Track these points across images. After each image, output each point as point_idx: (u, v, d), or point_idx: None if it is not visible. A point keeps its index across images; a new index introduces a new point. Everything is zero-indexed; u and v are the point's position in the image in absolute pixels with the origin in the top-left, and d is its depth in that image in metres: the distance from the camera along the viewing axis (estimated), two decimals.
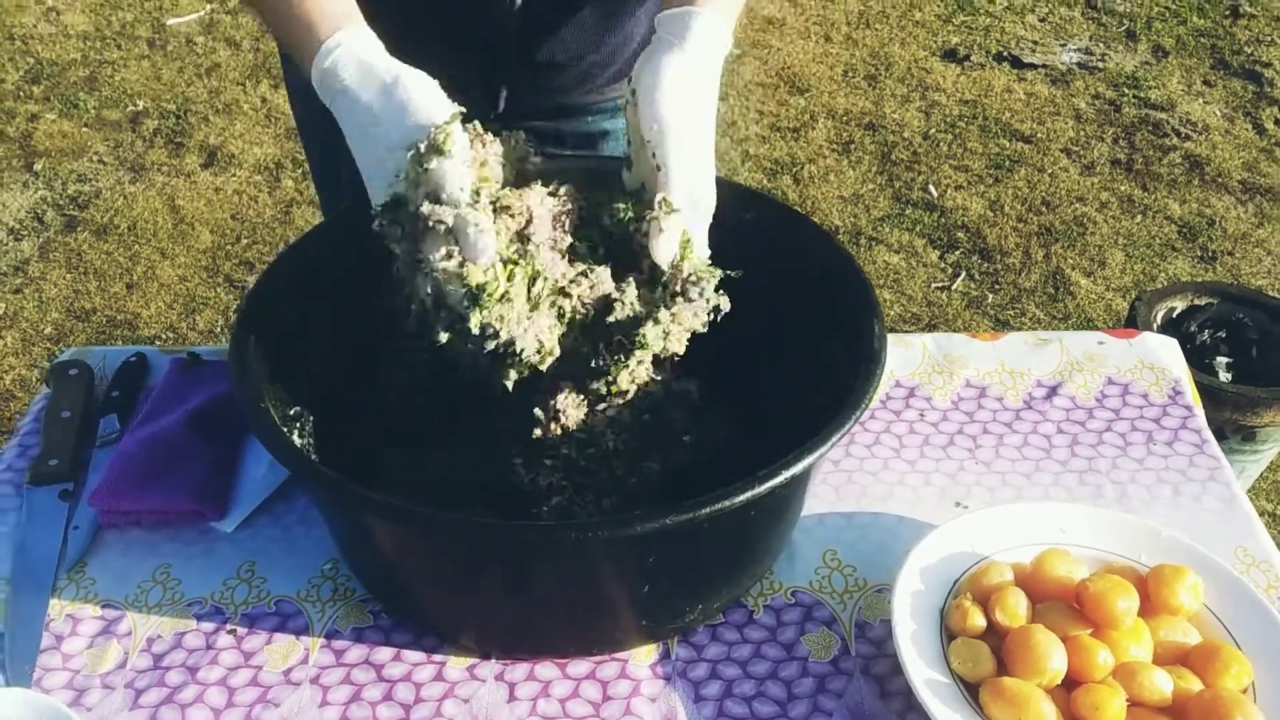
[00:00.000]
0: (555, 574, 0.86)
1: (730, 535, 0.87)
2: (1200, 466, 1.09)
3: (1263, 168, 3.10)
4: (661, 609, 0.90)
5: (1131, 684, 0.84)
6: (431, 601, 0.93)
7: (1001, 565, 0.92)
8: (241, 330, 0.91)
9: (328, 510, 0.94)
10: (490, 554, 0.84)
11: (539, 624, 0.91)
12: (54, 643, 0.93)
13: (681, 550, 0.85)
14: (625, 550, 0.82)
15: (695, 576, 0.89)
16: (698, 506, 0.77)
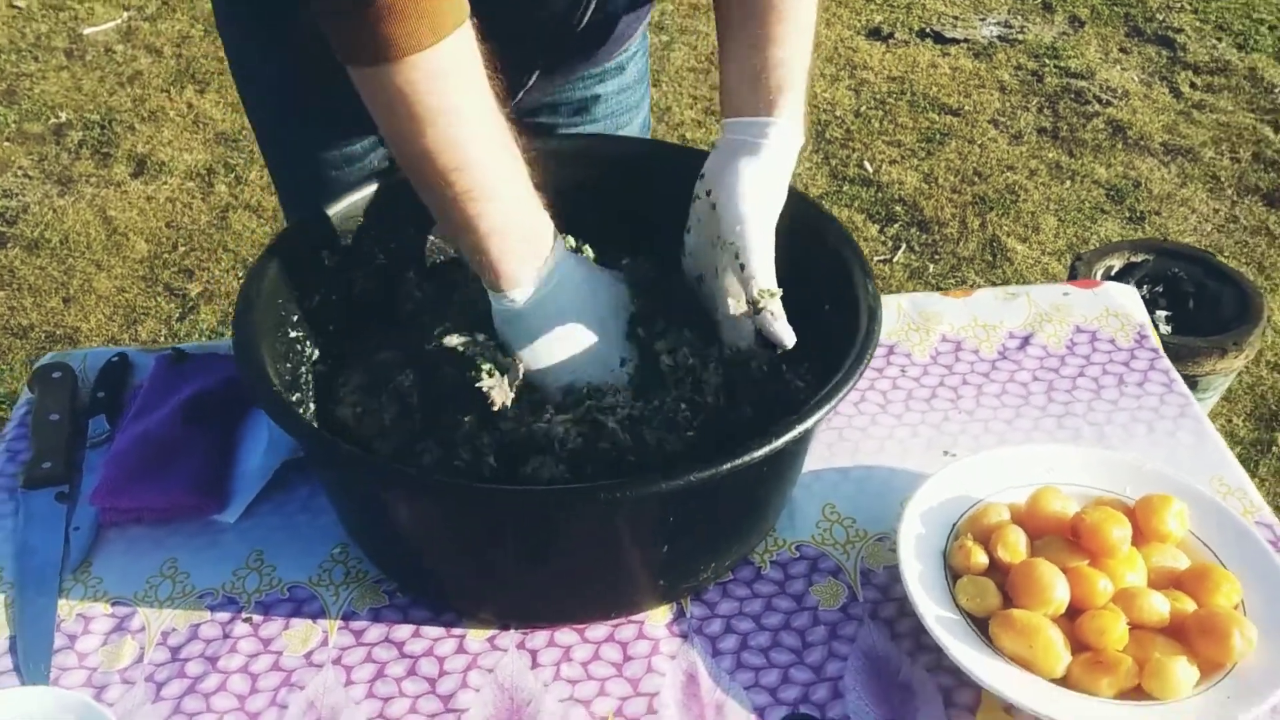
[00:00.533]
0: (578, 538, 0.87)
1: (746, 491, 0.90)
2: (1171, 404, 1.13)
3: (1182, 129, 3.20)
4: (678, 569, 0.92)
5: (1131, 608, 0.88)
6: (449, 576, 0.94)
7: (999, 506, 0.96)
8: (243, 318, 0.92)
9: (340, 491, 0.95)
10: (515, 521, 0.85)
11: (559, 591, 0.93)
12: (67, 642, 0.93)
13: (701, 508, 0.87)
14: (650, 510, 0.84)
15: (712, 534, 0.91)
16: (721, 461, 0.79)
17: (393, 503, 0.89)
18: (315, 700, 0.88)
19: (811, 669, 0.91)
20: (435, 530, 0.91)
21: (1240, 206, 2.94)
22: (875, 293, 0.95)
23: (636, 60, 1.30)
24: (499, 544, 0.89)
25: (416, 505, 0.87)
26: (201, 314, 2.75)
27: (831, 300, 0.99)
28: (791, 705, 0.88)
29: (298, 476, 1.06)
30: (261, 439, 1.07)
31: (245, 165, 3.21)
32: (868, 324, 0.91)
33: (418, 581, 0.96)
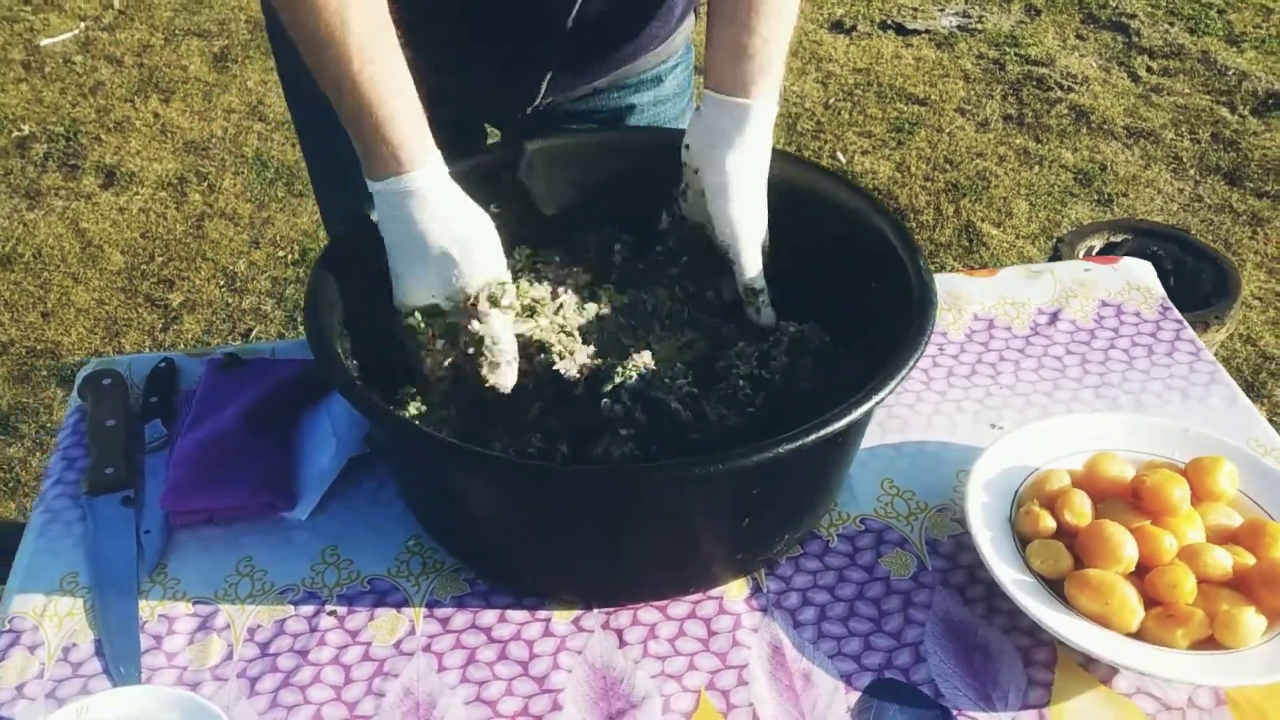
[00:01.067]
0: (664, 515, 0.89)
1: (822, 463, 0.93)
2: (1200, 372, 1.18)
3: (1142, 113, 3.28)
4: (756, 541, 0.94)
5: (1196, 563, 0.91)
6: (531, 559, 0.96)
7: (1059, 472, 0.99)
8: (313, 317, 0.93)
9: (422, 481, 0.96)
10: (604, 501, 0.87)
11: (641, 569, 0.95)
12: (154, 643, 0.93)
13: (783, 480, 0.89)
14: (739, 483, 0.86)
15: (790, 506, 0.94)
16: (807, 433, 0.81)
17: (481, 489, 0.90)
18: (410, 687, 0.90)
19: (891, 636, 0.94)
20: (522, 515, 0.92)
21: (1203, 186, 3.02)
22: (926, 266, 0.98)
23: (677, 74, 1.31)
24: (585, 525, 0.91)
25: (506, 490, 0.89)
26: (185, 323, 2.73)
27: (877, 278, 1.02)
28: (876, 671, 0.91)
29: (362, 472, 1.07)
30: (324, 438, 1.08)
31: (217, 174, 3.18)
32: (923, 295, 0.94)
33: (498, 567, 0.98)
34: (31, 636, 0.93)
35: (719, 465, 0.81)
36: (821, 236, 1.07)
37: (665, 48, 1.26)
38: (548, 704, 0.89)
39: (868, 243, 1.03)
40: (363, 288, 1.00)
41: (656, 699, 0.89)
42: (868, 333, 1.00)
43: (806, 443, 0.81)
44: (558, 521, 0.91)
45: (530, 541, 0.95)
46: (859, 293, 1.04)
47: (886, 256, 1.01)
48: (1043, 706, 0.88)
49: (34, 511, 1.05)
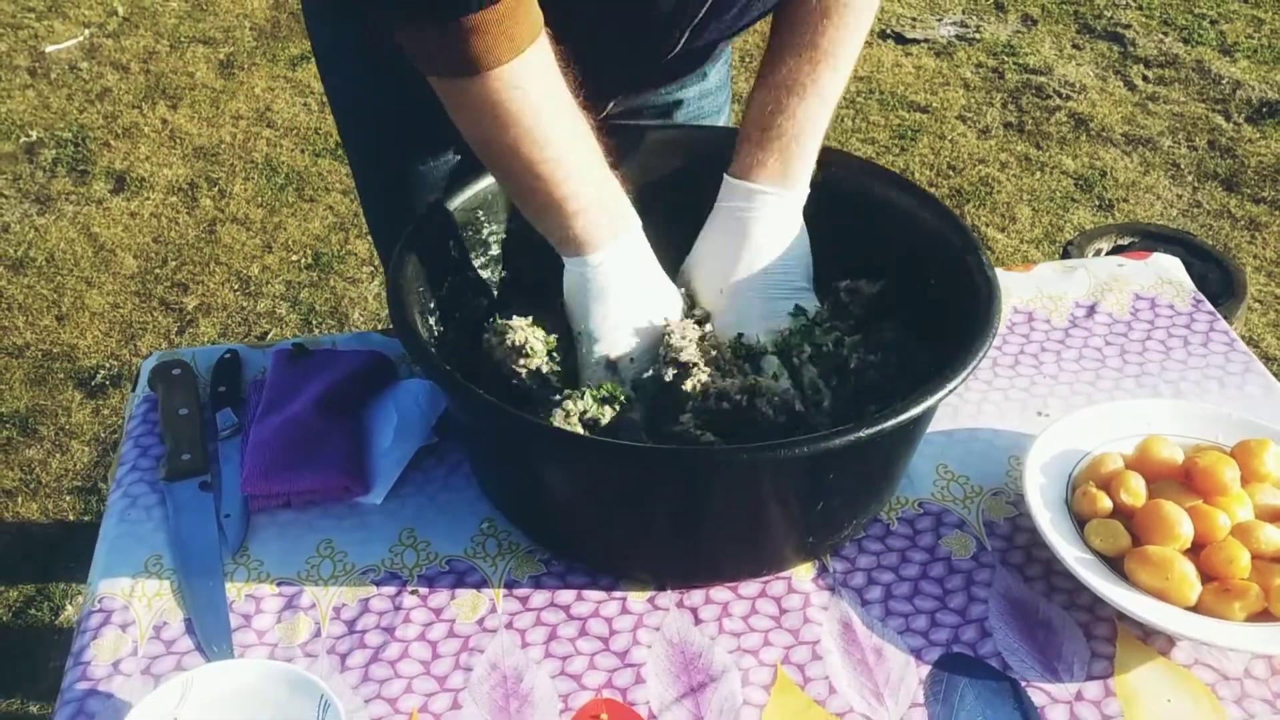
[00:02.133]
0: (741, 496, 0.93)
1: (891, 449, 0.96)
2: (1235, 361, 1.22)
3: (1140, 120, 3.35)
4: (826, 525, 0.98)
5: (1249, 540, 0.95)
6: (607, 538, 0.99)
7: (1113, 455, 1.03)
8: (396, 300, 0.97)
9: (500, 460, 0.99)
10: (685, 481, 0.91)
11: (715, 550, 0.98)
12: (243, 622, 0.96)
13: (854, 466, 0.93)
14: (815, 467, 0.89)
15: (861, 491, 0.97)
16: (884, 419, 0.85)
17: (558, 468, 0.93)
18: (496, 662, 0.93)
19: (956, 613, 0.97)
20: (599, 493, 0.95)
21: (1201, 192, 3.08)
22: (988, 262, 1.01)
23: (719, 68, 1.35)
24: (661, 504, 0.94)
25: (585, 468, 0.92)
26: (201, 326, 2.75)
27: (938, 276, 1.06)
28: (944, 646, 0.95)
29: (432, 459, 1.10)
30: (391, 426, 1.11)
31: (228, 179, 3.21)
32: (988, 290, 0.98)
33: (572, 545, 1.01)
34: (122, 615, 0.96)
35: (802, 449, 0.84)
36: (885, 238, 1.11)
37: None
38: (631, 677, 0.92)
39: (930, 242, 1.07)
40: (439, 278, 1.05)
41: (735, 673, 0.92)
42: (935, 330, 1.04)
43: (885, 428, 0.85)
44: (635, 500, 0.94)
45: (606, 520, 0.98)
46: (922, 291, 1.08)
47: (949, 255, 1.05)
48: (1107, 677, 0.92)
49: (111, 496, 1.08)
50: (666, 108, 1.33)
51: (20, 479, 2.37)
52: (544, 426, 0.92)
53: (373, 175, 1.36)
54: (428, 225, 1.07)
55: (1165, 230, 2.49)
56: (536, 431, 0.90)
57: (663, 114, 1.33)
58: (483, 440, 1.01)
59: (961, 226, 1.06)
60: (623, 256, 1.02)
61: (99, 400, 2.55)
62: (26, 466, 2.40)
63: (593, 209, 0.99)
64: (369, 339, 1.24)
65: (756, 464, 0.88)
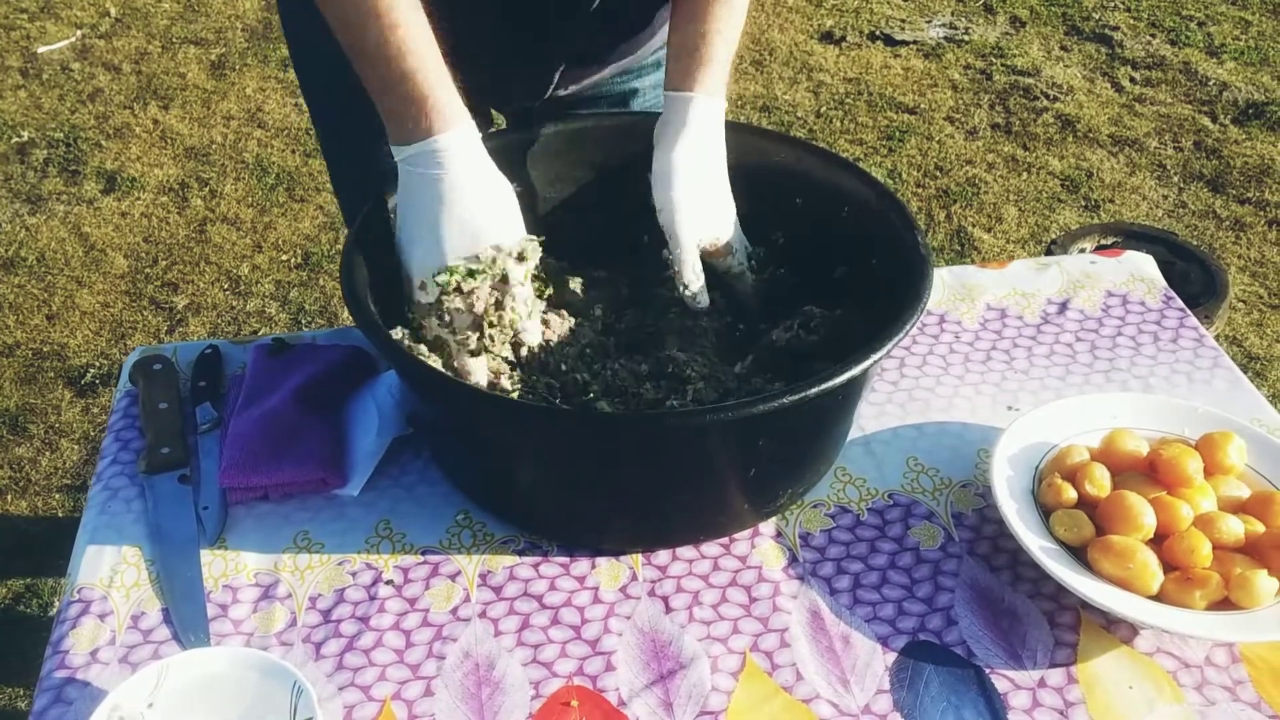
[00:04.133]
0: (673, 462, 0.96)
1: (822, 416, 1.01)
2: (1204, 357, 1.24)
3: (1126, 121, 3.37)
4: (762, 492, 1.02)
5: (1211, 530, 0.97)
6: (547, 502, 1.04)
7: (1079, 447, 1.05)
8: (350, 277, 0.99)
9: (463, 435, 1.03)
10: (617, 448, 0.95)
11: (652, 515, 1.02)
12: (220, 611, 0.97)
13: (784, 432, 0.97)
14: (742, 433, 0.93)
15: (793, 458, 1.02)
16: (809, 386, 0.89)
17: (497, 432, 0.97)
18: (470, 650, 0.94)
19: (923, 601, 0.99)
20: (534, 460, 1.00)
21: (1187, 192, 3.10)
22: (924, 240, 1.06)
23: None
24: (596, 470, 0.98)
25: (519, 434, 0.96)
26: (190, 326, 2.76)
27: (880, 255, 1.10)
28: (910, 634, 0.96)
29: (409, 453, 1.11)
30: (371, 419, 1.12)
31: (219, 179, 3.22)
32: (921, 265, 1.02)
33: (517, 511, 1.05)
34: (101, 605, 0.97)
35: (728, 414, 0.88)
36: (829, 217, 1.16)
37: (664, 34, 1.32)
38: (601, 665, 0.93)
39: (868, 221, 1.12)
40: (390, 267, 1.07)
41: (705, 660, 0.94)
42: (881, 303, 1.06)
43: (809, 395, 0.88)
44: (569, 466, 0.99)
45: (539, 485, 1.02)
46: (867, 268, 1.13)
47: (887, 233, 1.09)
48: (1069, 664, 0.93)
49: (93, 489, 1.09)
50: (623, 96, 1.35)
51: (10, 477, 2.38)
52: (469, 388, 0.95)
53: (339, 148, 1.38)
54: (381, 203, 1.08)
55: (1148, 230, 2.51)
56: (462, 394, 0.93)
57: (618, 102, 1.36)
58: (423, 405, 1.04)
59: (899, 204, 1.10)
60: (471, 145, 1.00)
61: (89, 399, 2.56)
62: (16, 465, 2.41)
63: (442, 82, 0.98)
64: (349, 334, 1.25)
65: (684, 429, 0.91)
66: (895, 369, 1.22)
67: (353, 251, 1.01)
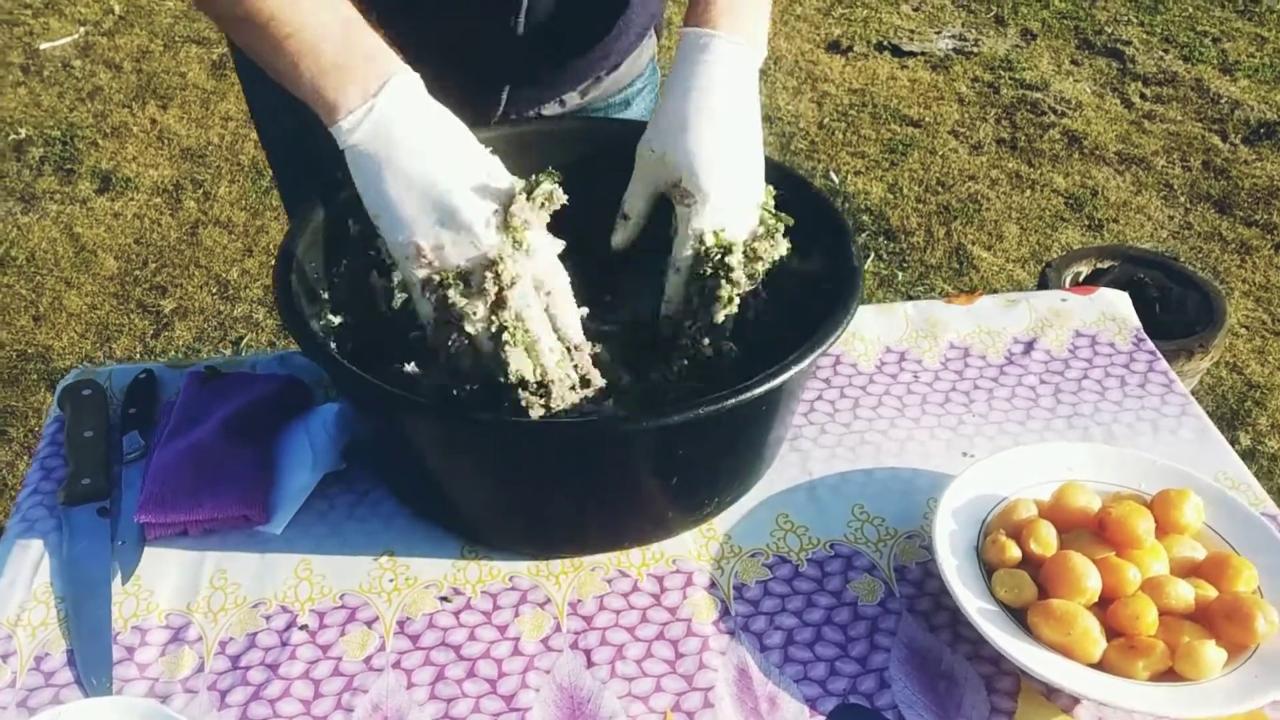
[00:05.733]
0: (591, 469, 0.95)
1: (742, 428, 0.98)
2: (1172, 404, 1.19)
3: (1134, 139, 3.31)
4: (686, 501, 1.01)
5: (1159, 595, 0.92)
6: (469, 507, 1.02)
7: (1027, 502, 1.01)
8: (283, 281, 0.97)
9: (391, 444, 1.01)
10: (538, 455, 0.93)
11: (576, 521, 1.01)
12: (126, 654, 0.94)
13: (703, 442, 0.94)
14: (659, 442, 0.91)
15: (715, 468, 0.99)
16: (724, 399, 0.86)
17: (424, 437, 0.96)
18: (379, 703, 0.91)
19: (857, 661, 0.94)
20: (462, 464, 0.98)
21: (1193, 214, 3.04)
22: (857, 252, 1.03)
23: (644, 96, 1.34)
24: (522, 476, 0.96)
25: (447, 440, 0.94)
26: (176, 330, 2.74)
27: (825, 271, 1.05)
28: (840, 696, 0.92)
29: (340, 486, 1.08)
30: (303, 452, 1.09)
31: (213, 181, 3.20)
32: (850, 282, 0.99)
33: (445, 514, 1.04)
34: (4, 645, 0.94)
35: (643, 423, 0.87)
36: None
37: (629, 68, 1.28)
38: None
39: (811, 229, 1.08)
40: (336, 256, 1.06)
41: (623, 719, 0.90)
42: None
43: (725, 407, 0.86)
44: (496, 471, 0.97)
45: (469, 489, 1.01)
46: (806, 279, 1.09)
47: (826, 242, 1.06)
48: None
49: (10, 520, 1.06)
50: (621, 106, 1.31)
51: None
52: (391, 391, 0.90)
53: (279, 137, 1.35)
54: (330, 198, 1.05)
55: (1146, 254, 2.45)
56: (384, 396, 0.90)
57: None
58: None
59: (840, 219, 1.07)
60: (389, 114, 0.88)
61: None
62: None
63: (321, 51, 0.87)
64: (291, 361, 1.22)
65: (599, 438, 0.90)
66: (849, 410, 1.18)
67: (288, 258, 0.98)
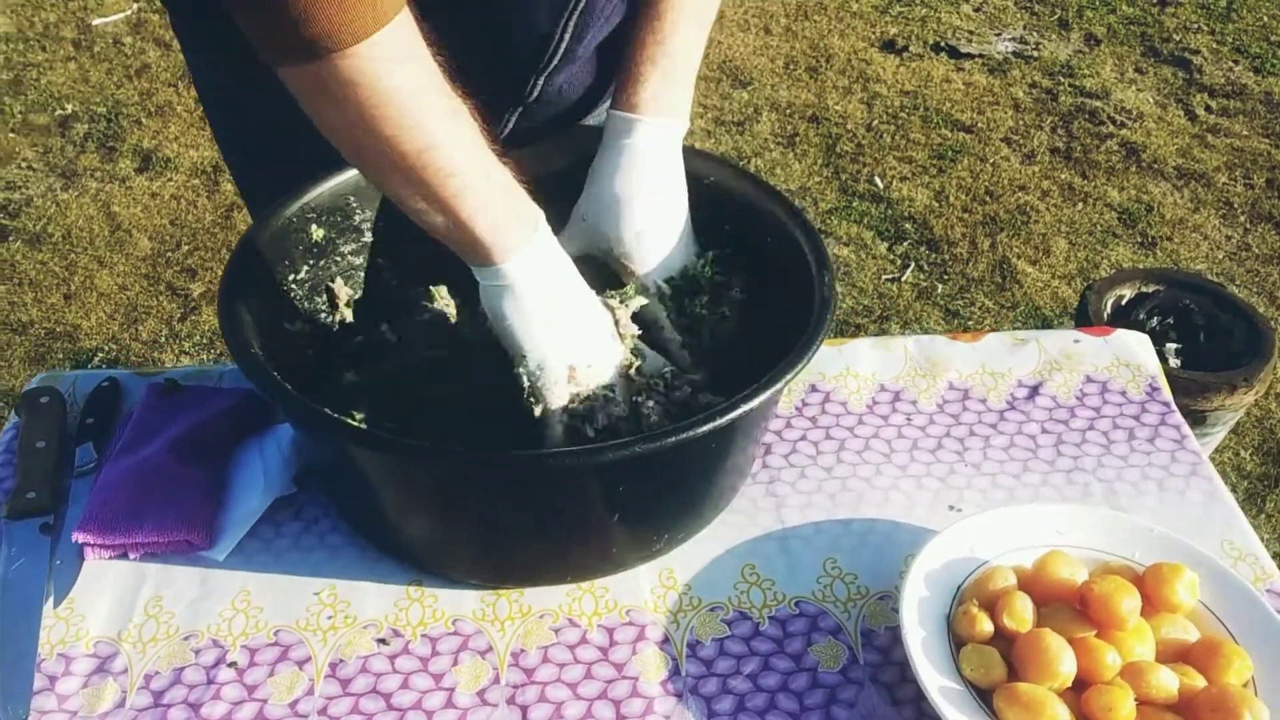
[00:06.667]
0: (532, 504, 0.91)
1: (685, 467, 0.93)
2: (1182, 462, 1.11)
3: (1196, 153, 3.17)
4: (632, 538, 0.96)
5: (1139, 683, 0.85)
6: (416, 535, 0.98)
7: (1005, 570, 0.94)
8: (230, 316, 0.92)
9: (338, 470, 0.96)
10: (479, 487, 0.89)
11: (524, 554, 0.97)
12: (48, 684, 0.91)
13: (643, 480, 0.90)
14: (598, 478, 0.87)
15: (660, 506, 0.95)
16: (662, 436, 0.82)
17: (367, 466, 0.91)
18: None
19: None
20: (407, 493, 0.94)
21: (1253, 234, 2.91)
22: (830, 282, 0.97)
23: None
24: (467, 506, 0.93)
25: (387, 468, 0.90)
26: (203, 314, 2.73)
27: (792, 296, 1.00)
28: None
29: (289, 513, 1.04)
30: (256, 476, 1.05)
31: None
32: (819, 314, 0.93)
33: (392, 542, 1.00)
34: None
35: (572, 460, 0.82)
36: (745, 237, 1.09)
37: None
38: None
39: (781, 248, 1.04)
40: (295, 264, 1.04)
41: None
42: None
43: (665, 445, 0.81)
44: (442, 500, 0.92)
45: (418, 517, 0.96)
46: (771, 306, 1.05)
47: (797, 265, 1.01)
48: None
49: None
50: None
51: None
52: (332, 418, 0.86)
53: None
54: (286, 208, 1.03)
55: (1195, 278, 2.34)
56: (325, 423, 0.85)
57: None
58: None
59: (818, 245, 1.02)
60: (541, 256, 0.93)
61: None
62: None
63: (495, 204, 0.88)
64: None
65: (532, 471, 0.85)
66: (833, 453, 1.11)
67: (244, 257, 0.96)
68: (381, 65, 0.78)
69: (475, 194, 0.86)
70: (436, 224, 0.88)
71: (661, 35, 1.04)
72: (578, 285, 0.96)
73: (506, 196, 0.90)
